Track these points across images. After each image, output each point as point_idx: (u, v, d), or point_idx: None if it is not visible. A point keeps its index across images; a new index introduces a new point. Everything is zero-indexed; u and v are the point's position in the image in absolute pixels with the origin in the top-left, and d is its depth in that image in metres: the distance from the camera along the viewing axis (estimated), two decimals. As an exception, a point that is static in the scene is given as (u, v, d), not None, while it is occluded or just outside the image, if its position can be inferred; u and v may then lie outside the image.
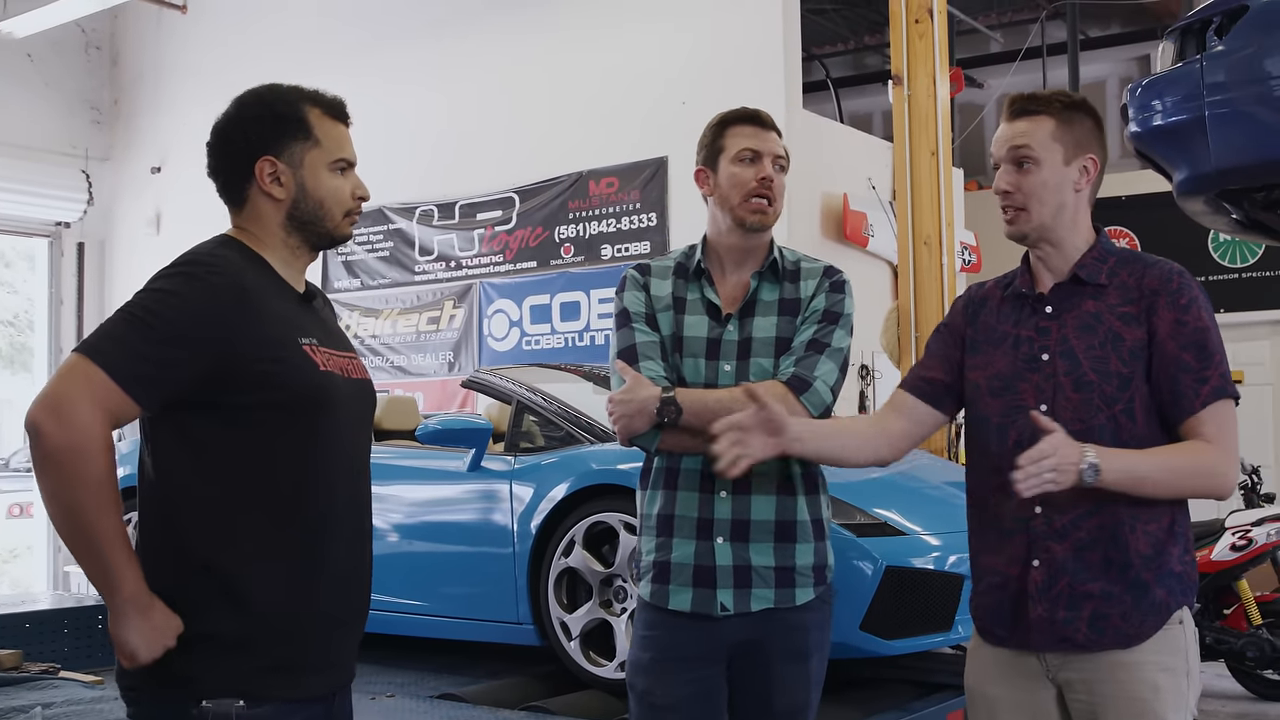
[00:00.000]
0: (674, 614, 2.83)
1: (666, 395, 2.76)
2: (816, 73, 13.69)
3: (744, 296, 2.92)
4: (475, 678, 5.03)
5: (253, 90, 2.37)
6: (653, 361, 2.87)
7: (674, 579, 2.84)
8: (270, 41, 10.95)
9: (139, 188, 12.15)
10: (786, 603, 2.82)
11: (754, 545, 2.81)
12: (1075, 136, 2.61)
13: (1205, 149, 4.13)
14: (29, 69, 11.83)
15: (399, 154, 10.07)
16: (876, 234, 9.40)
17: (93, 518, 2.04)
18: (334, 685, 2.32)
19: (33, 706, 4.08)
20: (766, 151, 2.93)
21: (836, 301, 2.91)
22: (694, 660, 2.83)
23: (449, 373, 9.98)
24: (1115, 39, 13.79)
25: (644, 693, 2.87)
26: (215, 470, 2.17)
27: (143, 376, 2.08)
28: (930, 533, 4.54)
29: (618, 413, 2.78)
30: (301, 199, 2.31)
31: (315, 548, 2.23)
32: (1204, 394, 2.48)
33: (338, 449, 2.29)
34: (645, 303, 2.95)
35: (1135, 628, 2.50)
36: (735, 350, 2.87)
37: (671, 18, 9.06)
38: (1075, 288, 2.61)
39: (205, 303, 2.14)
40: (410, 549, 5.34)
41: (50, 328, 12.37)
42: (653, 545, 2.88)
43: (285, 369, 2.19)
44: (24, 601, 6.22)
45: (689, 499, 2.84)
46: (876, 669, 4.86)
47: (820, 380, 2.80)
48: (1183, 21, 4.31)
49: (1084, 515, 2.51)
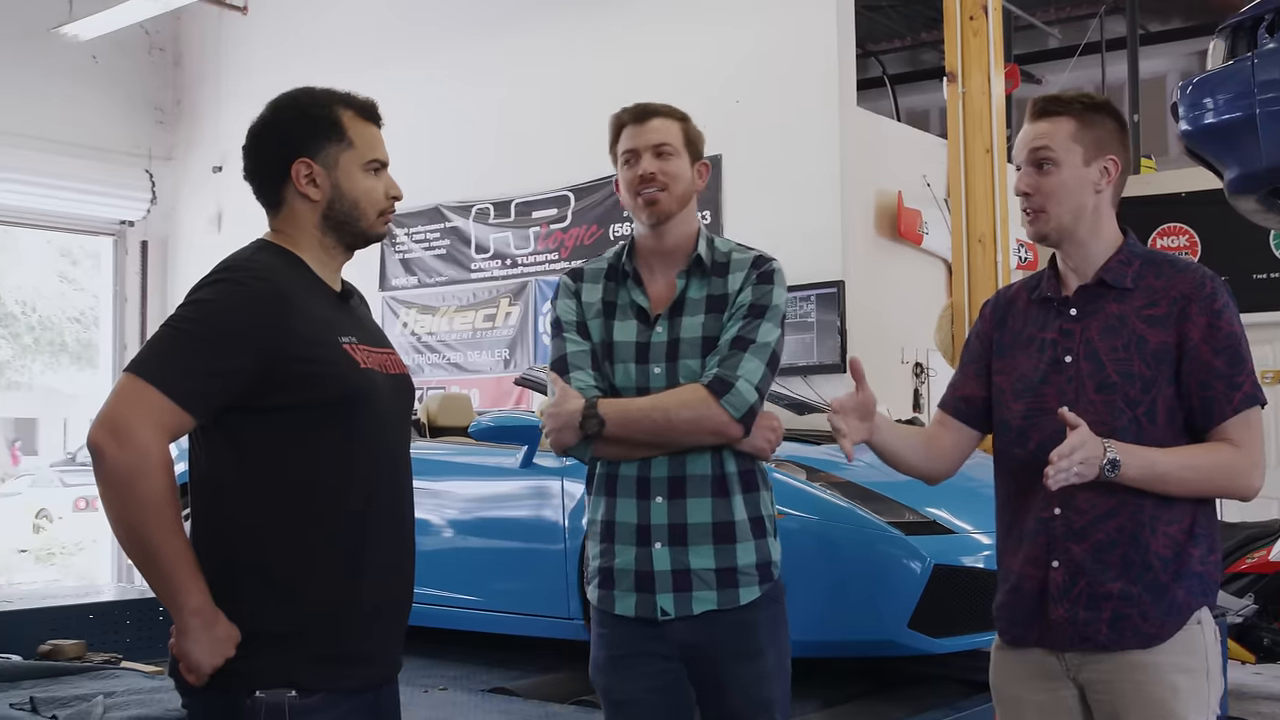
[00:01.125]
0: (621, 618, 2.83)
1: (589, 408, 2.75)
2: (873, 69, 13.64)
3: (672, 296, 2.88)
4: (527, 672, 5.07)
5: (286, 94, 2.43)
6: (582, 371, 2.85)
7: (618, 585, 2.83)
8: (327, 42, 11.07)
9: (201, 186, 12.32)
10: (731, 603, 2.79)
11: (693, 549, 2.78)
12: (1095, 137, 2.61)
13: (1257, 147, 4.10)
14: (94, 70, 12.03)
15: (456, 152, 10.16)
16: (931, 231, 9.36)
17: (156, 536, 2.11)
18: (381, 677, 2.37)
19: (95, 695, 4.17)
20: (643, 146, 2.87)
21: (764, 293, 2.83)
22: (647, 657, 2.83)
23: (504, 370, 10.04)
24: (1176, 34, 13.63)
25: (604, 690, 2.89)
26: (261, 470, 2.23)
27: (195, 390, 2.15)
28: (980, 531, 4.53)
29: (548, 426, 2.79)
30: (336, 199, 2.37)
31: (359, 542, 2.29)
32: (1236, 401, 2.49)
33: (378, 444, 2.34)
34: (576, 310, 2.93)
35: (1156, 628, 2.50)
36: (664, 352, 2.83)
37: (726, 16, 9.07)
38: (1100, 290, 2.61)
39: (248, 309, 2.19)
40: (463, 544, 5.39)
41: (115, 325, 12.58)
42: (598, 551, 2.88)
43: (327, 369, 2.25)
44: (88, 593, 6.36)
45: (627, 505, 2.82)
46: (924, 667, 4.86)
47: (743, 380, 2.74)
48: (1234, 19, 4.28)
49: (1103, 516, 2.52)
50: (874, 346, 8.70)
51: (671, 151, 2.89)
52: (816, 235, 8.41)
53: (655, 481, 2.80)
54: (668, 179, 2.87)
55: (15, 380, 26.18)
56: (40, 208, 11.98)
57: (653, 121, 2.92)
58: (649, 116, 2.92)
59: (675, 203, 2.88)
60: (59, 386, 26.73)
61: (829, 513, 4.45)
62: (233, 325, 2.18)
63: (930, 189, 9.43)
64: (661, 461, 2.80)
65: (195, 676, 2.17)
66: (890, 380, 9.01)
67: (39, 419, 28.78)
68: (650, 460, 2.80)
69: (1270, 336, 10.55)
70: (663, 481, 2.80)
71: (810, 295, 8.48)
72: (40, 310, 25.27)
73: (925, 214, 9.35)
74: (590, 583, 2.92)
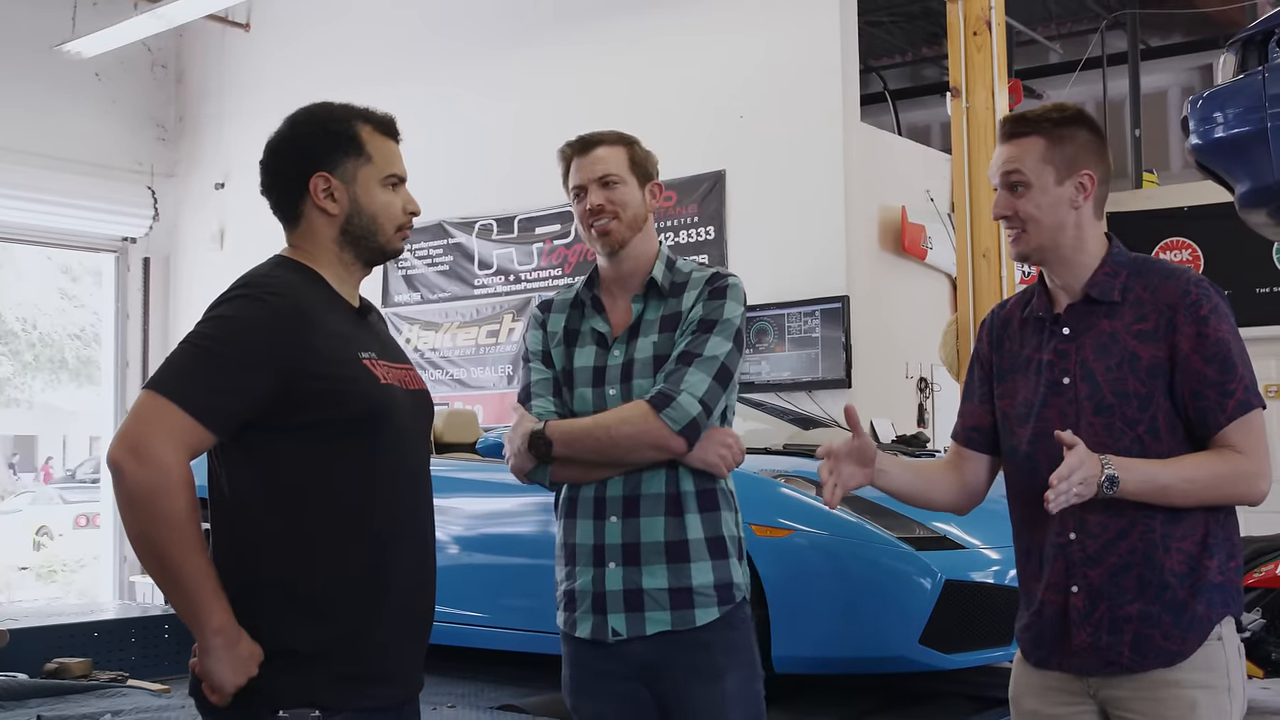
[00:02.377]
0: (581, 640, 2.84)
1: (536, 430, 2.78)
2: (875, 85, 13.65)
3: (629, 320, 2.90)
4: (536, 689, 5.06)
5: (305, 109, 2.42)
6: (543, 399, 2.90)
7: (578, 607, 2.84)
8: (330, 59, 11.08)
9: (203, 203, 12.32)
10: (685, 624, 2.77)
11: (645, 568, 2.77)
12: (1067, 154, 2.57)
13: (1268, 161, 4.09)
14: (97, 87, 12.04)
15: (458, 168, 10.16)
16: (935, 246, 9.36)
17: (177, 555, 2.09)
18: (403, 695, 2.35)
19: (102, 714, 4.16)
20: (588, 180, 2.89)
21: (714, 308, 2.83)
22: (610, 677, 2.83)
23: (508, 385, 10.03)
24: (1177, 49, 13.63)
25: (574, 708, 2.92)
26: (282, 487, 2.22)
27: (215, 407, 2.13)
28: (990, 546, 4.52)
29: (506, 452, 2.84)
30: (355, 214, 2.36)
31: (381, 559, 2.27)
32: (1230, 408, 2.46)
33: (399, 460, 2.33)
34: (542, 340, 2.97)
35: (1178, 645, 2.48)
36: (619, 374, 2.85)
37: (729, 32, 9.08)
38: (1089, 307, 2.58)
39: (267, 326, 2.18)
40: (470, 561, 5.38)
41: (116, 342, 12.54)
42: (562, 575, 2.90)
43: (347, 385, 2.24)
44: (92, 611, 6.35)
45: (585, 526, 2.83)
46: (935, 683, 4.85)
47: (686, 393, 2.73)
48: (1244, 33, 4.28)
49: (1115, 539, 2.50)
50: (879, 362, 8.70)
51: (617, 180, 2.90)
52: (821, 250, 8.41)
53: (610, 501, 2.81)
54: (616, 207, 2.88)
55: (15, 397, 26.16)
56: (42, 224, 11.97)
57: (596, 152, 2.92)
58: (591, 147, 2.93)
59: (627, 230, 2.89)
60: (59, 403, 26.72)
61: (839, 528, 4.44)
62: (253, 342, 2.17)
63: (934, 204, 9.44)
64: (617, 481, 2.80)
65: (218, 696, 2.15)
66: (895, 395, 9.01)
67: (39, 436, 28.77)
68: (606, 481, 2.81)
69: (1274, 350, 10.54)
70: (618, 501, 2.80)
71: (815, 310, 8.47)
72: (41, 327, 25.25)
73: (929, 229, 9.36)
74: (557, 606, 2.93)
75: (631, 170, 2.92)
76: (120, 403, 12.39)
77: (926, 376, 9.31)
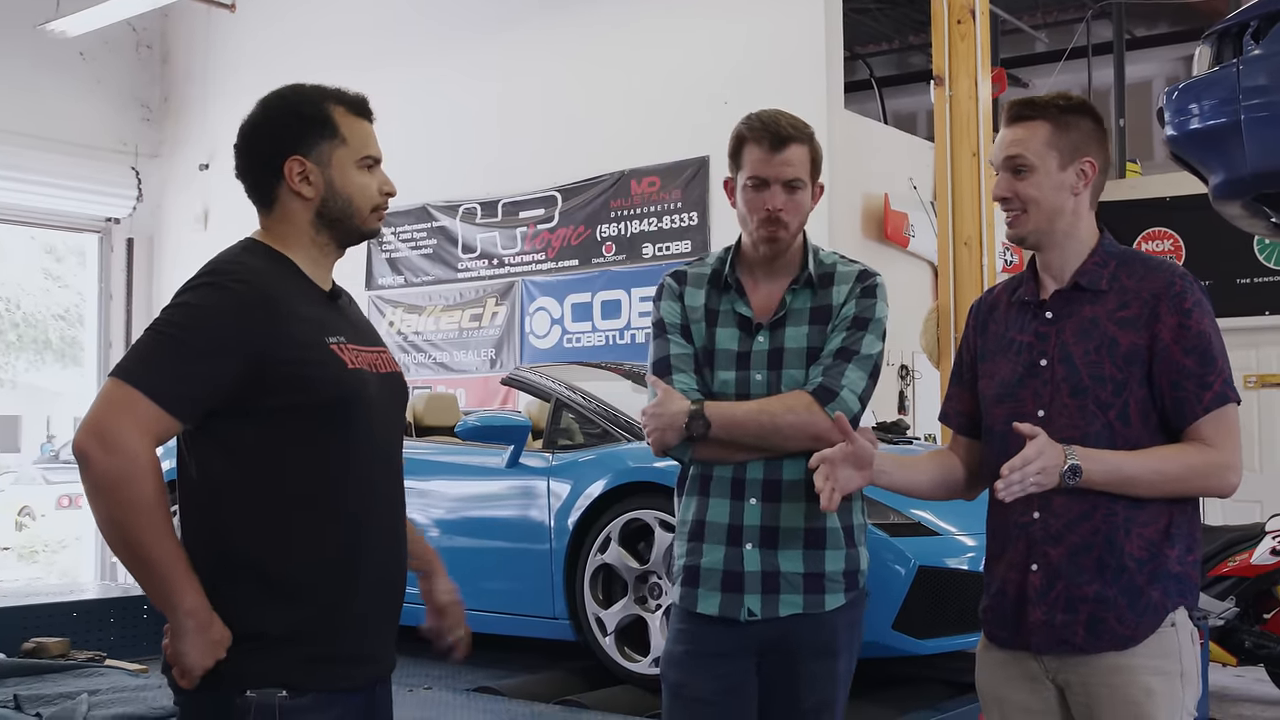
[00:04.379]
0: (703, 617, 2.86)
1: (694, 410, 2.78)
2: (860, 72, 13.66)
3: (776, 308, 2.90)
4: (511, 672, 5.07)
5: (276, 92, 2.41)
6: (685, 374, 2.88)
7: (703, 583, 2.86)
8: (315, 40, 11.05)
9: (187, 184, 12.29)
10: (816, 608, 2.83)
11: (783, 552, 2.82)
12: (1071, 141, 2.62)
13: (1241, 152, 4.11)
14: (81, 67, 12.00)
15: (442, 152, 10.15)
16: (917, 234, 9.39)
17: (147, 540, 2.10)
18: (374, 676, 2.37)
19: (79, 693, 4.16)
20: (774, 178, 2.81)
21: (867, 306, 2.88)
22: (724, 656, 2.85)
23: (491, 369, 10.04)
24: (1162, 38, 13.67)
25: (676, 685, 2.90)
26: (253, 472, 2.22)
27: (181, 395, 2.14)
28: (964, 533, 4.55)
29: (650, 426, 2.82)
30: (330, 197, 2.35)
31: (352, 541, 2.28)
32: (1207, 400, 2.50)
33: (371, 443, 2.33)
34: (680, 313, 2.94)
35: (1131, 629, 2.52)
36: (766, 360, 2.86)
37: (714, 18, 9.08)
38: (1075, 294, 2.63)
39: (233, 313, 2.18)
40: (449, 544, 5.39)
41: (100, 323, 12.54)
42: (684, 550, 2.91)
43: (313, 370, 2.24)
44: (72, 591, 6.35)
45: (720, 506, 2.86)
46: (909, 668, 4.87)
47: (847, 389, 2.79)
48: (1219, 26, 4.30)
49: (1078, 520, 2.54)
50: (860, 348, 8.71)
51: (801, 185, 2.85)
52: (803, 237, 8.42)
53: (750, 483, 2.83)
54: (793, 216, 2.85)
55: (-1, 377, 26.08)
56: (25, 204, 11.93)
57: (788, 151, 2.82)
58: (785, 144, 2.82)
59: (794, 235, 2.89)
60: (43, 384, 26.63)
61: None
62: (218, 329, 2.17)
63: (917, 192, 9.46)
64: (757, 465, 2.83)
65: (187, 680, 2.16)
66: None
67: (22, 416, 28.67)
68: (746, 463, 2.83)
69: (1253, 341, 10.59)
70: (757, 484, 2.83)
71: (797, 297, 8.47)
72: (25, 307, 25.17)
73: (912, 217, 9.38)
74: (675, 582, 2.94)
75: (810, 172, 2.88)
76: (103, 383, 12.35)
77: (907, 364, 9.34)
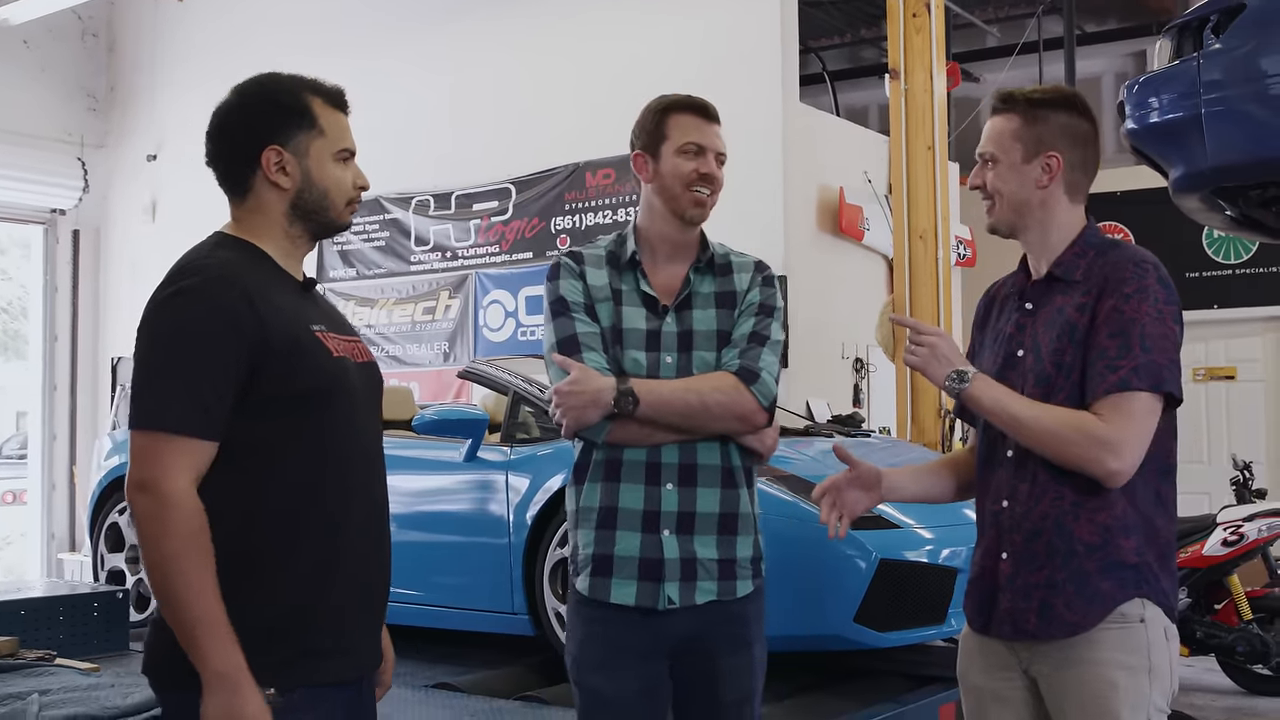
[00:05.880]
0: (616, 608, 2.80)
1: (624, 386, 2.74)
2: (813, 66, 13.67)
3: (680, 289, 2.90)
4: (470, 667, 5.04)
5: (253, 79, 2.37)
6: (595, 353, 2.82)
7: (617, 572, 2.80)
8: (263, 31, 10.93)
9: (134, 175, 12.14)
10: (729, 595, 2.82)
11: (698, 538, 2.80)
12: (1037, 135, 2.64)
13: (1201, 146, 4.13)
14: (25, 55, 11.81)
15: (395, 143, 10.06)
16: (872, 228, 9.41)
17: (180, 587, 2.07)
18: (361, 669, 2.34)
19: (30, 693, 4.09)
20: (710, 146, 2.91)
21: (770, 295, 2.93)
22: (640, 655, 2.81)
23: (444, 363, 9.98)
24: (1112, 34, 13.77)
25: (591, 690, 2.86)
26: (238, 463, 2.18)
27: (204, 421, 2.12)
28: (924, 526, 4.57)
29: (567, 404, 2.74)
30: (306, 189, 2.32)
31: (336, 532, 2.26)
32: (1109, 382, 2.48)
33: (353, 433, 2.32)
34: (583, 292, 2.89)
35: (1079, 616, 2.51)
36: (676, 342, 2.86)
37: (669, 10, 9.06)
38: (1050, 284, 2.65)
39: (222, 322, 2.14)
40: (406, 539, 5.30)
41: (45, 315, 12.34)
42: (591, 539, 2.84)
43: (302, 360, 2.22)
44: (19, 589, 6.23)
45: (633, 491, 2.80)
46: (869, 661, 4.88)
47: (765, 371, 2.83)
48: (1180, 19, 4.32)
49: (1033, 505, 2.57)
50: (816, 341, 8.74)
51: (723, 163, 2.96)
52: (759, 230, 8.39)
53: (666, 468, 2.80)
54: (718, 188, 2.94)
55: (-60, 371, 25.66)
56: (-33, 195, 11.74)
57: (717, 126, 2.96)
58: (715, 120, 2.96)
59: (711, 210, 2.95)
60: (-15, 378, 26.23)
61: (774, 507, 4.45)
62: (212, 343, 2.14)
63: (871, 185, 9.48)
64: (672, 449, 2.80)
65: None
66: (831, 375, 9.06)
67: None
68: (660, 447, 2.80)
69: (1202, 334, 10.71)
70: (673, 468, 2.80)
71: (752, 290, 8.48)
72: (-34, 300, 24.78)
73: (866, 210, 9.40)
74: (580, 573, 2.87)
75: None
76: (49, 377, 12.19)
77: (862, 357, 9.36)
